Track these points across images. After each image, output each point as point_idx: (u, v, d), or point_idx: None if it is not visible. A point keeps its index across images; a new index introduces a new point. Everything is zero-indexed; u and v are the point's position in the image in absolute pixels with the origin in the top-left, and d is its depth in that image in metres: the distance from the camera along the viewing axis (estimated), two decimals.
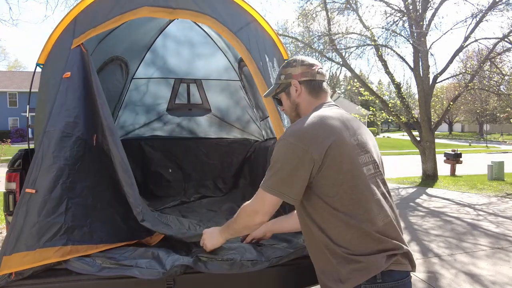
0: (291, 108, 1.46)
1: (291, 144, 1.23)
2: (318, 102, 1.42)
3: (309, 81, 1.42)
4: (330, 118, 1.29)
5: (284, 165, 1.23)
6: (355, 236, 1.21)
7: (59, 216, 1.61)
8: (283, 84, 1.46)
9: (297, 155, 1.21)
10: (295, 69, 1.43)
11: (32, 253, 1.52)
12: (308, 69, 1.42)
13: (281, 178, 1.24)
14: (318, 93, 1.43)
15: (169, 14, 1.93)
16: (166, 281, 1.57)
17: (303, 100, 1.43)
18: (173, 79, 3.86)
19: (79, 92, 1.76)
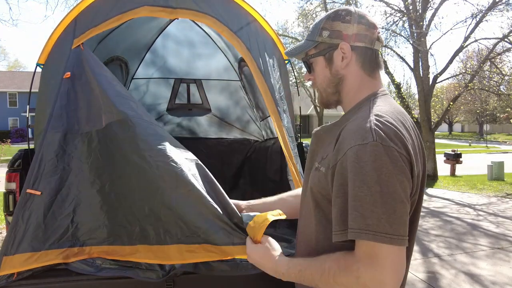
0: (330, 81, 1.01)
1: (396, 151, 0.80)
2: (374, 83, 0.99)
3: (365, 48, 0.97)
4: (407, 116, 0.95)
5: (398, 188, 0.79)
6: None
7: (66, 217, 1.61)
8: (323, 44, 0.99)
9: (406, 169, 0.81)
10: (347, 27, 0.96)
11: (37, 254, 1.52)
12: (367, 31, 0.97)
13: (395, 210, 0.78)
14: (373, 69, 0.99)
15: (169, 13, 1.92)
16: (165, 282, 1.57)
17: (351, 73, 0.98)
18: (173, 79, 3.86)
19: (81, 91, 1.75)
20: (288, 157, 1.89)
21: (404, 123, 0.89)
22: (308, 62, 1.05)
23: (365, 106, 0.93)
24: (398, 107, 0.95)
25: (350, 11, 0.98)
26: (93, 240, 1.64)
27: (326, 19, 1.00)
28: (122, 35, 2.77)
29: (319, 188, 0.94)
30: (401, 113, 0.92)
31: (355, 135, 0.83)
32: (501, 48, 10.55)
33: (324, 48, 1.00)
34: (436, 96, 12.12)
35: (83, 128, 1.72)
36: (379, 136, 0.80)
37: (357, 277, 0.78)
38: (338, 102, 1.04)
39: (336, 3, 10.80)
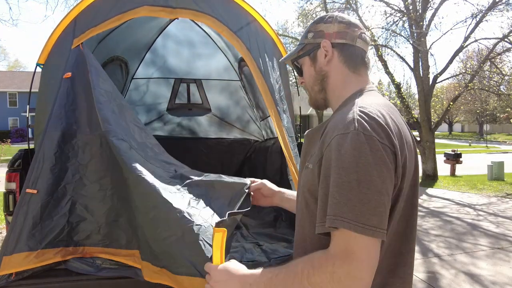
0: (315, 79, 1.04)
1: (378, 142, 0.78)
2: (359, 79, 1.00)
3: (346, 45, 1.00)
4: (396, 111, 0.93)
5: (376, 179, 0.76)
6: None
7: (62, 217, 1.61)
8: (309, 44, 1.04)
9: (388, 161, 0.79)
10: (329, 26, 1.01)
11: (34, 253, 1.52)
12: (347, 29, 1.00)
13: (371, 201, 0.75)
14: (357, 66, 1.00)
15: (169, 13, 1.92)
16: None
17: (334, 70, 1.01)
18: (173, 79, 3.86)
19: (81, 91, 1.75)
20: (288, 157, 1.89)
21: (391, 116, 0.88)
22: (298, 65, 1.10)
23: (350, 101, 0.93)
24: (386, 102, 0.94)
25: (333, 15, 1.04)
26: (87, 240, 1.65)
27: (312, 23, 1.06)
28: (122, 35, 2.77)
29: (308, 186, 0.93)
30: (388, 107, 0.91)
31: (338, 126, 0.84)
32: (501, 48, 10.55)
33: (309, 48, 1.05)
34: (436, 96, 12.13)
35: (83, 129, 1.72)
36: (360, 125, 0.80)
37: (332, 272, 0.74)
38: (325, 101, 1.06)
39: (336, 3, 10.80)
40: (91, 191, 1.68)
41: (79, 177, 1.67)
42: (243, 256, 1.80)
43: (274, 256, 1.77)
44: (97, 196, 1.68)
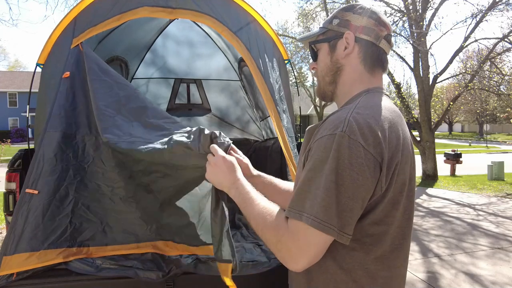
0: (328, 70, 0.99)
1: (362, 148, 0.78)
2: (372, 80, 0.96)
3: (369, 43, 0.95)
4: (400, 117, 0.91)
5: (347, 180, 0.77)
6: None
7: (65, 217, 1.61)
8: (332, 31, 0.98)
9: (368, 168, 0.78)
10: (357, 18, 0.96)
11: (36, 254, 1.52)
12: (375, 26, 0.95)
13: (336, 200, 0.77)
14: (373, 66, 0.96)
15: (169, 14, 1.92)
16: (165, 282, 1.57)
17: (350, 65, 0.96)
18: (173, 79, 3.86)
19: (80, 91, 1.75)
20: (288, 157, 1.89)
21: (392, 121, 0.86)
22: (315, 49, 1.03)
23: (354, 100, 0.91)
24: (391, 106, 0.92)
25: (365, 6, 0.98)
26: (91, 241, 1.65)
27: (341, 9, 1.00)
28: (122, 35, 2.77)
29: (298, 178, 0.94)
30: (391, 112, 0.89)
31: (330, 125, 0.83)
32: (501, 48, 10.56)
33: (331, 35, 0.99)
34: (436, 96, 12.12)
35: (83, 130, 1.72)
36: (349, 128, 0.79)
37: (278, 241, 0.83)
38: (333, 94, 1.02)
39: (336, 3, 10.80)
40: (93, 191, 1.68)
41: (80, 177, 1.67)
42: (243, 256, 1.80)
43: (274, 256, 1.77)
44: (100, 196, 1.68)
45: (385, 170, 0.80)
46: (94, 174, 1.69)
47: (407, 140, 0.89)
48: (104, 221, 1.67)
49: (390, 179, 0.82)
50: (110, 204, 1.69)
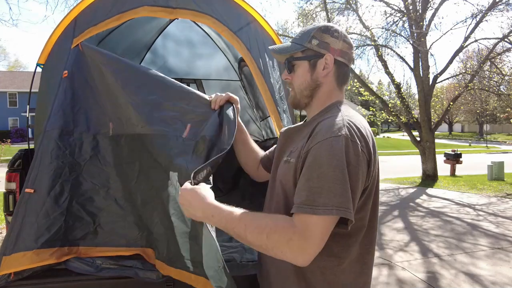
0: (308, 85, 1.11)
1: (358, 146, 0.93)
2: (339, 94, 1.12)
3: (343, 64, 1.10)
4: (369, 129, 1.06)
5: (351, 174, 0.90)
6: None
7: (60, 215, 1.60)
8: (311, 50, 1.09)
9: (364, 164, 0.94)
10: (335, 42, 1.08)
11: (30, 253, 1.51)
12: (348, 50, 1.10)
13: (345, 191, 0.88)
14: (343, 83, 1.13)
15: (169, 14, 1.92)
16: (165, 282, 1.57)
17: (327, 83, 1.10)
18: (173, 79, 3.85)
19: (79, 89, 1.74)
20: None
21: (366, 128, 1.02)
22: (292, 63, 1.13)
23: (333, 109, 1.05)
24: (359, 115, 1.08)
25: (338, 29, 1.10)
26: (82, 241, 1.64)
27: (317, 30, 1.09)
28: (122, 35, 2.77)
29: (288, 177, 1.03)
30: (362, 120, 1.05)
31: (330, 129, 0.95)
32: (501, 48, 10.55)
33: (310, 54, 1.09)
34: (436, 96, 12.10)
35: (81, 128, 1.72)
36: (349, 132, 0.94)
37: (289, 239, 0.89)
38: (307, 105, 1.15)
39: (336, 3, 10.80)
40: (88, 190, 1.67)
41: (76, 175, 1.66)
42: (243, 256, 1.80)
43: None
44: (94, 195, 1.68)
45: (371, 167, 0.97)
46: (90, 172, 1.68)
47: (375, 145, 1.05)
48: (97, 221, 1.67)
49: (371, 174, 0.98)
50: (104, 205, 1.68)
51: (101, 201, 1.68)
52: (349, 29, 11.52)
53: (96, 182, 1.68)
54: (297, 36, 1.13)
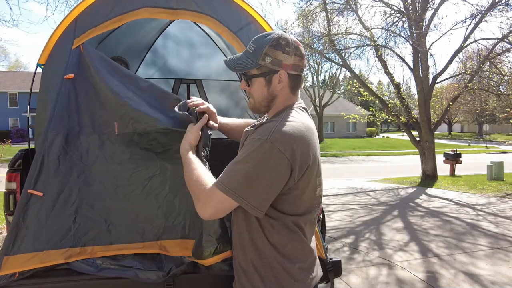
0: (265, 98, 1.22)
1: (279, 152, 1.05)
2: (293, 98, 1.24)
3: (297, 76, 1.21)
4: (313, 132, 1.17)
5: (264, 173, 1.06)
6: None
7: (68, 218, 1.61)
8: (265, 67, 1.18)
9: (283, 167, 1.07)
10: (287, 58, 1.17)
11: (39, 254, 1.52)
12: (300, 62, 1.20)
13: (254, 185, 1.07)
14: (297, 90, 1.24)
15: (170, 15, 1.93)
16: (165, 282, 1.57)
17: (283, 94, 1.22)
18: (173, 80, 3.86)
19: (83, 91, 1.75)
20: None
21: (306, 133, 1.12)
22: (248, 79, 1.23)
23: (280, 115, 1.17)
24: (306, 119, 1.18)
25: (289, 42, 1.17)
26: (95, 241, 1.65)
27: (269, 46, 1.17)
28: (122, 36, 2.78)
29: None
30: (302, 123, 1.14)
31: (261, 131, 1.11)
32: (501, 48, 10.55)
33: (265, 71, 1.18)
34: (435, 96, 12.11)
35: (86, 130, 1.72)
36: (273, 136, 1.07)
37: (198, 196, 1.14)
38: (265, 112, 1.28)
39: (336, 4, 10.80)
40: (97, 190, 1.68)
41: (84, 177, 1.67)
42: None
43: None
44: (104, 194, 1.68)
45: (297, 168, 1.08)
46: (98, 173, 1.69)
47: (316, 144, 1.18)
48: (109, 220, 1.67)
49: (302, 175, 1.11)
50: (115, 202, 1.68)
51: (111, 199, 1.68)
52: (349, 29, 11.54)
53: (105, 182, 1.68)
54: (250, 49, 1.20)
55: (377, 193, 8.89)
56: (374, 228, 5.48)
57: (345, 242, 4.80)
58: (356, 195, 8.59)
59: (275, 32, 1.20)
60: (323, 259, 1.81)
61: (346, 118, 17.09)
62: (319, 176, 1.22)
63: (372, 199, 8.01)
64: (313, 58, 24.33)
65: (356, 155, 23.36)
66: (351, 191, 9.17)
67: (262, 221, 1.16)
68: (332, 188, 9.48)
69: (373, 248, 4.54)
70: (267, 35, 1.19)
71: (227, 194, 1.07)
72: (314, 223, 1.28)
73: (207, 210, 1.11)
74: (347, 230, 5.43)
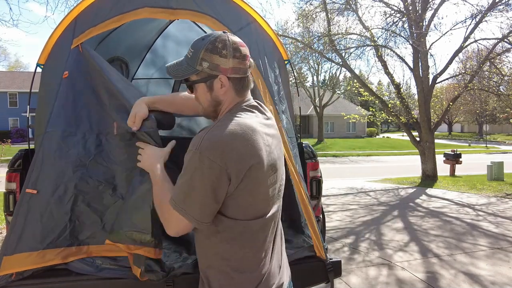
0: (210, 103, 1.18)
1: (209, 160, 1.01)
2: (240, 99, 1.17)
3: (240, 78, 1.14)
4: (254, 131, 1.09)
5: (199, 184, 1.04)
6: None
7: (64, 216, 1.60)
8: (204, 73, 1.13)
9: (215, 175, 1.02)
10: (225, 62, 1.10)
11: (35, 254, 1.51)
12: (241, 64, 1.12)
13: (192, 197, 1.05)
14: (244, 92, 1.18)
15: (170, 14, 1.92)
16: (165, 282, 1.57)
17: (228, 98, 1.16)
18: (173, 80, 3.86)
19: (80, 90, 1.75)
20: (288, 157, 1.89)
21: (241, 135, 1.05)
22: (190, 85, 1.19)
23: (221, 120, 1.12)
24: (245, 119, 1.10)
25: (226, 44, 1.10)
26: (92, 239, 1.64)
27: (205, 51, 1.10)
28: (122, 36, 2.78)
29: None
30: (244, 125, 1.08)
31: (193, 142, 1.06)
32: (501, 48, 10.55)
33: (204, 76, 1.13)
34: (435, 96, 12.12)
35: (84, 127, 1.72)
36: (203, 146, 1.03)
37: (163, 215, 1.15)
38: (215, 117, 1.22)
39: (336, 4, 10.80)
40: (94, 188, 1.67)
41: (80, 175, 1.66)
42: None
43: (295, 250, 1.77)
44: (100, 193, 1.68)
45: (234, 173, 1.03)
46: (95, 171, 1.68)
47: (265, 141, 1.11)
48: (104, 220, 1.67)
49: (243, 178, 1.05)
50: (111, 203, 1.68)
51: (107, 199, 1.67)
52: (349, 29, 11.54)
53: (101, 180, 1.68)
54: (189, 54, 1.14)
55: (377, 193, 8.89)
56: (374, 228, 5.48)
57: (345, 242, 4.80)
58: (356, 195, 8.58)
59: (213, 34, 1.13)
60: (323, 259, 1.81)
61: (346, 118, 17.09)
62: (273, 173, 1.14)
63: (372, 199, 8.00)
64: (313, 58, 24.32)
65: (356, 155, 23.35)
66: (351, 191, 9.17)
67: (211, 229, 1.11)
68: (332, 188, 9.48)
69: (373, 248, 4.54)
70: (204, 37, 1.13)
71: (176, 210, 1.07)
72: (274, 228, 1.20)
73: (171, 231, 1.12)
74: (347, 230, 5.43)
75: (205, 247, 1.15)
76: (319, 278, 1.82)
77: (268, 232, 1.16)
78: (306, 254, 1.85)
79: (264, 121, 1.18)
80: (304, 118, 38.59)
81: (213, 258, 1.14)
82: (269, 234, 1.17)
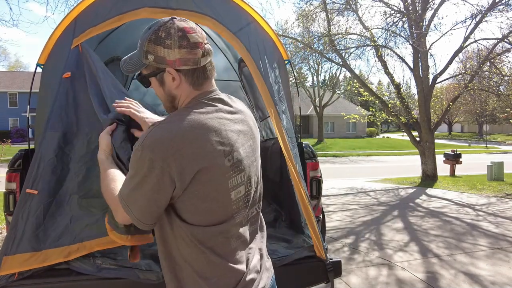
0: (166, 98, 1.09)
1: (150, 160, 0.93)
2: (198, 93, 1.07)
3: (191, 70, 1.03)
4: (207, 129, 0.98)
5: (140, 183, 0.96)
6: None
7: (66, 216, 1.61)
8: (151, 67, 1.05)
9: (156, 176, 0.94)
10: (170, 53, 0.99)
11: (38, 254, 1.52)
12: (189, 54, 1.00)
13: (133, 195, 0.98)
14: (202, 83, 1.07)
15: (170, 15, 1.92)
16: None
17: (183, 91, 1.06)
18: None
19: (81, 90, 1.75)
20: (288, 157, 1.89)
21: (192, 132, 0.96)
22: (143, 79, 1.11)
23: (168, 117, 1.03)
24: (198, 116, 0.99)
25: (170, 33, 0.99)
26: (93, 236, 1.65)
27: (148, 42, 1.01)
28: (122, 36, 2.78)
29: None
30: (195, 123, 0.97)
31: (139, 138, 0.99)
32: (501, 48, 10.56)
33: (153, 70, 1.05)
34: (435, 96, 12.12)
35: (83, 128, 1.73)
36: (144, 143, 0.95)
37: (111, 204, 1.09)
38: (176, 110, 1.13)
39: (336, 4, 10.80)
40: (94, 189, 1.68)
41: (81, 176, 1.67)
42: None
43: (274, 257, 1.77)
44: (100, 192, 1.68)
45: (177, 175, 0.94)
46: (95, 171, 1.69)
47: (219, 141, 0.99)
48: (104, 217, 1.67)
49: (192, 181, 0.95)
50: None
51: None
52: (349, 29, 11.55)
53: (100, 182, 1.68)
54: (138, 46, 1.06)
55: (377, 193, 8.89)
56: (374, 229, 5.48)
57: (345, 242, 4.80)
58: (356, 195, 8.58)
59: (158, 21, 1.02)
60: (323, 259, 1.82)
61: (346, 118, 17.10)
62: (236, 174, 1.02)
63: (372, 199, 8.00)
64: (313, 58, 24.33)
65: (356, 155, 23.35)
66: (351, 191, 9.17)
67: (175, 231, 1.02)
68: (332, 188, 9.48)
69: (373, 248, 4.54)
70: (150, 26, 1.02)
71: (121, 204, 1.01)
72: (246, 233, 1.09)
73: (118, 219, 1.08)
74: (347, 230, 5.43)
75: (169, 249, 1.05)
76: (319, 278, 1.82)
77: (234, 238, 1.05)
78: (306, 254, 1.86)
79: (228, 116, 1.06)
80: (304, 118, 38.60)
81: (180, 261, 1.04)
82: (237, 241, 1.05)
